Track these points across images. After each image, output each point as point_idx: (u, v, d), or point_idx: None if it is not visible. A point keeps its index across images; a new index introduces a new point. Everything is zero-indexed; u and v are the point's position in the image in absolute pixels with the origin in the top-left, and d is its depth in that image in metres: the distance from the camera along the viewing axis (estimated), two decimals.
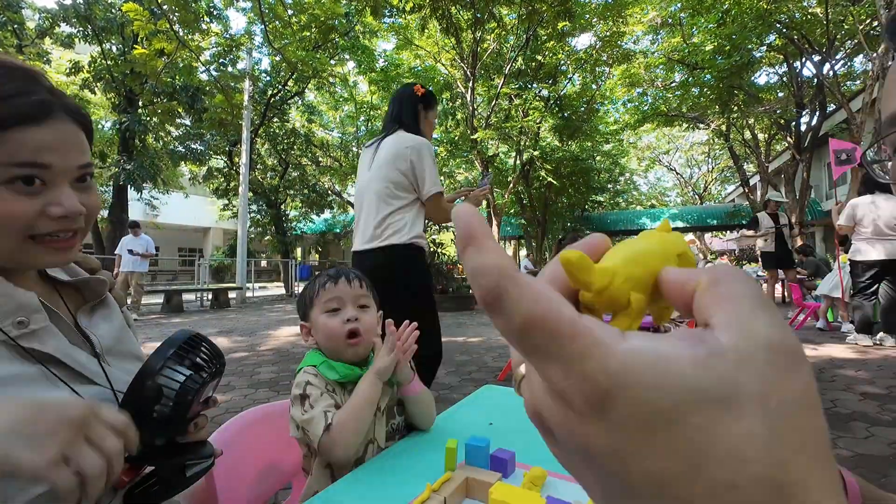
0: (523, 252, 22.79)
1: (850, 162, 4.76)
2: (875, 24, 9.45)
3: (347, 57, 13.89)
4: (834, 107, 12.39)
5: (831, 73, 10.80)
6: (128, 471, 0.57)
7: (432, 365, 2.09)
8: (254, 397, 3.39)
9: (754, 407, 0.13)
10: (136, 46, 9.57)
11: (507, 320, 0.15)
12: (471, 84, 12.22)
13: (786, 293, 8.32)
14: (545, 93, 15.36)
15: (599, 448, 0.15)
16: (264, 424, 1.08)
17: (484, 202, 2.53)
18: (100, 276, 0.68)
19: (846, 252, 4.83)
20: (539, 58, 14.32)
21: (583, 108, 16.21)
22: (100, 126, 14.67)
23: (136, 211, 12.87)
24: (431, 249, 10.96)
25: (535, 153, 15.25)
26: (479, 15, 11.35)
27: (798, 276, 6.99)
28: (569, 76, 15.53)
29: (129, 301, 7.64)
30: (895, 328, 4.52)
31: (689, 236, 20.00)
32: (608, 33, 13.42)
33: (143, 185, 12.06)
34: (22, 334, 0.52)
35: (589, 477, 0.16)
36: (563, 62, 15.15)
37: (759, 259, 7.22)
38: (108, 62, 10.94)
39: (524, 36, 12.56)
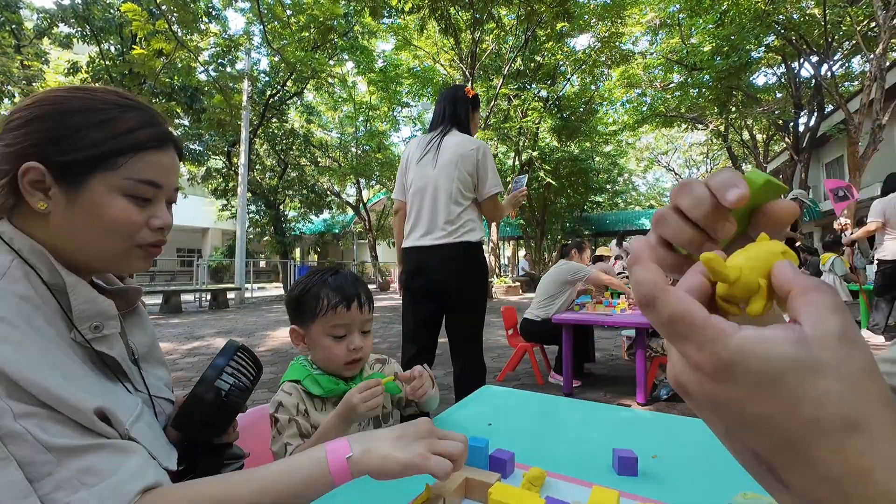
0: (522, 252, 22.76)
1: (848, 198, 4.84)
2: (873, 24, 9.47)
3: (346, 57, 13.87)
4: (832, 107, 12.42)
5: (829, 73, 10.82)
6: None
7: (478, 381, 2.05)
8: (252, 398, 3.38)
9: (831, 373, 0.19)
10: (135, 47, 9.56)
11: (658, 316, 0.22)
12: (469, 84, 12.21)
13: None
14: (544, 93, 15.35)
15: (724, 399, 0.21)
16: (263, 425, 1.08)
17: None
18: (135, 286, 0.72)
19: (850, 251, 4.82)
20: (538, 58, 14.31)
21: (581, 109, 16.20)
22: None
23: None
24: None
25: (534, 154, 15.24)
26: (477, 15, 11.33)
27: None
28: (567, 77, 15.53)
29: None
30: None
31: None
32: (607, 34, 13.41)
33: None
34: (95, 338, 0.58)
35: (715, 419, 0.23)
36: (561, 63, 15.15)
37: None
38: (107, 62, 10.92)
39: (523, 36, 12.56)
